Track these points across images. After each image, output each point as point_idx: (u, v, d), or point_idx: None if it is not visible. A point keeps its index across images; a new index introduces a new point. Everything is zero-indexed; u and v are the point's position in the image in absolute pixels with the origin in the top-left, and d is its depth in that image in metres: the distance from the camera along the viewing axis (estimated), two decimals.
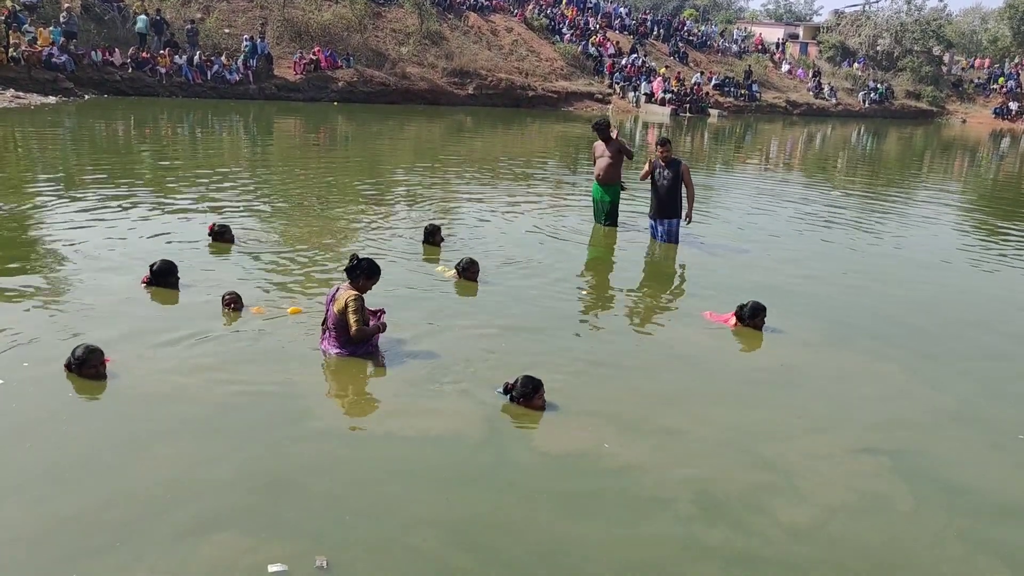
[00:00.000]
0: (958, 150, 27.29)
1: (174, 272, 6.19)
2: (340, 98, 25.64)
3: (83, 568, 3.09)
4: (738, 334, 6.13)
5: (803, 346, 6.00)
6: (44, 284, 6.30)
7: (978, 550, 3.60)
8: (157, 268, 6.15)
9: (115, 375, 4.68)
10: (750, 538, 3.56)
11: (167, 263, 6.20)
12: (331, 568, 3.15)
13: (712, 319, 6.42)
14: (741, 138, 26.31)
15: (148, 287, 6.15)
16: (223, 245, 7.48)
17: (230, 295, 5.79)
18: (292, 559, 3.18)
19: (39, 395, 4.45)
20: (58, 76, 21.36)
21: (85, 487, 3.61)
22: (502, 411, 4.54)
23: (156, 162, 13.14)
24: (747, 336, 6.10)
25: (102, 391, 4.54)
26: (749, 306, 6.21)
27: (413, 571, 3.22)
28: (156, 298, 6.06)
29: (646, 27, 37.92)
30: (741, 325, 6.21)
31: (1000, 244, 10.68)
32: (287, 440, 4.14)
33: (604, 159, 9.31)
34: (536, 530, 3.54)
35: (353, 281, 5.11)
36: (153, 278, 6.14)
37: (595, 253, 8.80)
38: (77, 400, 4.47)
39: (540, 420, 4.49)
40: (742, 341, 6.04)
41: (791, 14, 61.93)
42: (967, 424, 4.88)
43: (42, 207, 8.98)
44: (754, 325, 6.19)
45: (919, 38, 42.01)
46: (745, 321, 6.19)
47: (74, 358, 4.59)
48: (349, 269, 5.11)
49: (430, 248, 7.98)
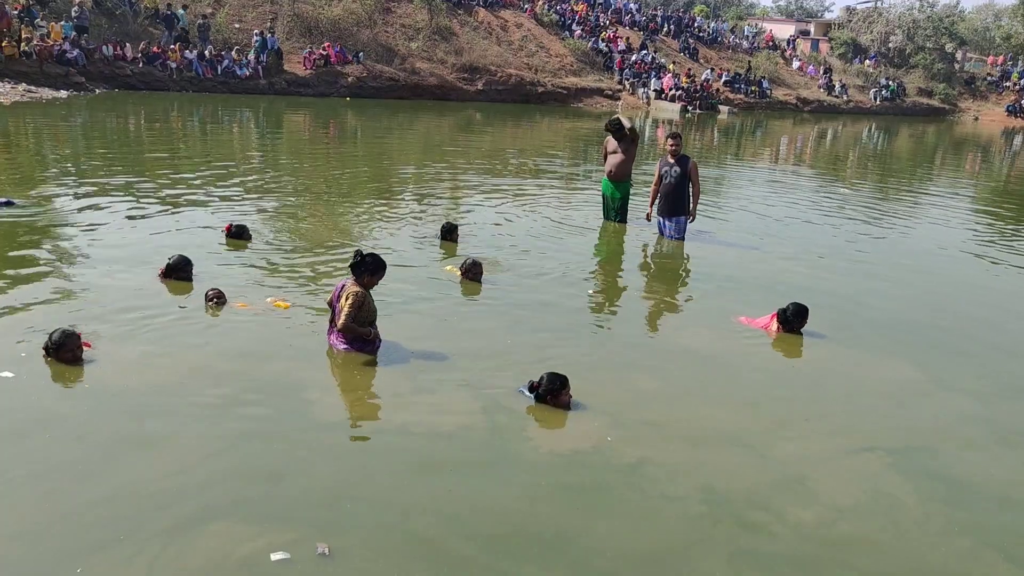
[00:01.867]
0: (970, 148, 27.09)
1: (189, 267, 6.31)
2: (350, 93, 25.68)
3: (85, 563, 3.07)
4: (745, 331, 6.09)
5: (812, 343, 5.95)
6: (56, 277, 6.33)
7: (984, 546, 3.58)
8: (173, 262, 6.28)
9: (122, 368, 4.72)
10: (756, 535, 3.55)
11: (182, 258, 6.33)
12: (332, 555, 3.18)
13: (749, 324, 6.15)
14: (751, 135, 26.21)
15: (164, 280, 6.25)
16: (239, 243, 7.51)
17: (213, 291, 5.83)
18: (294, 547, 3.20)
19: (48, 389, 4.49)
20: (69, 70, 21.45)
21: (87, 481, 3.61)
22: (507, 408, 4.53)
23: (167, 157, 13.19)
24: (754, 333, 6.04)
25: (107, 386, 4.54)
26: (791, 309, 5.90)
27: (413, 557, 3.24)
28: (170, 291, 6.10)
29: (656, 23, 37.79)
30: (784, 330, 5.89)
31: (1016, 241, 10.61)
32: (288, 431, 4.15)
33: (616, 155, 9.25)
34: (538, 520, 3.55)
35: (358, 277, 5.11)
36: (168, 271, 6.27)
37: (604, 250, 8.79)
38: (82, 392, 4.49)
39: (545, 417, 4.47)
40: (749, 338, 5.99)
41: (802, 10, 61.53)
42: (976, 422, 4.85)
43: (54, 200, 9.04)
44: (797, 329, 5.89)
45: (931, 35, 41.71)
46: (789, 325, 5.89)
47: (51, 342, 4.64)
48: (354, 266, 5.11)
49: (448, 245, 7.94)
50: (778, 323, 5.94)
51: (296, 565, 3.12)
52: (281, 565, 3.11)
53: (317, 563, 3.14)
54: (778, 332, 5.93)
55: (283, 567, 3.11)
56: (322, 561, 3.14)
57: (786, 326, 5.91)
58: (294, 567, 3.11)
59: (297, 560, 3.14)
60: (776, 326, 5.95)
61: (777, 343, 5.90)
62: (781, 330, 5.92)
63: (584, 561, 3.31)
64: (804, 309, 5.91)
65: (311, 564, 3.13)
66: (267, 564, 3.11)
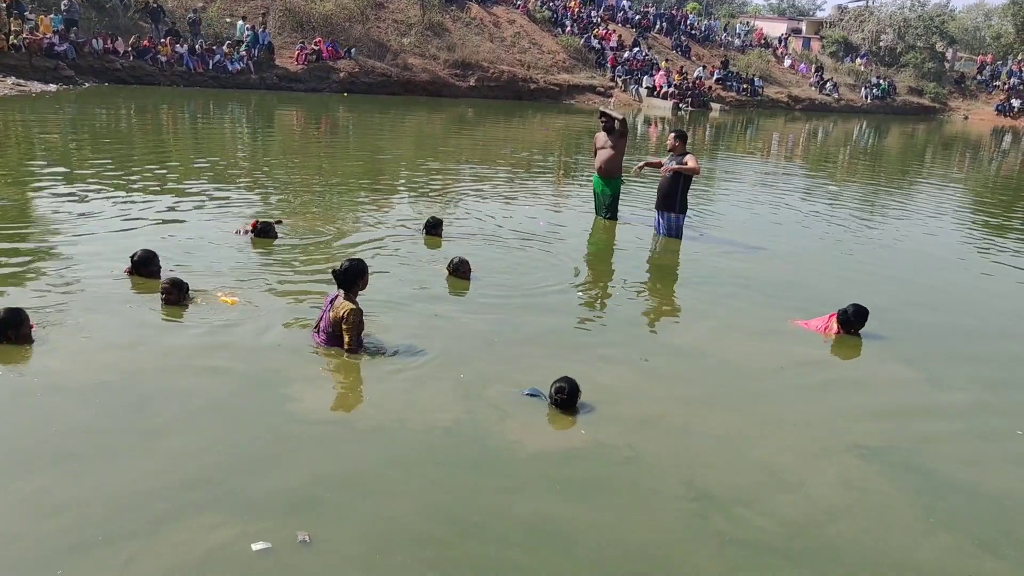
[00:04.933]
0: (959, 147, 27.23)
1: (154, 261, 6.14)
2: (341, 89, 25.63)
3: (65, 564, 3.02)
4: (737, 330, 6.09)
5: (804, 343, 5.95)
6: (40, 272, 6.30)
7: (968, 540, 3.62)
8: (138, 258, 6.10)
9: (90, 361, 4.68)
10: (746, 529, 3.55)
11: (147, 252, 6.16)
12: (313, 542, 3.18)
13: (805, 327, 6.06)
14: (742, 133, 26.27)
15: (130, 275, 6.11)
16: (265, 241, 7.47)
17: (168, 282, 5.61)
18: (275, 536, 3.20)
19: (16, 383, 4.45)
20: (59, 64, 21.35)
21: (63, 481, 3.54)
22: (492, 404, 4.50)
23: (156, 151, 13.15)
24: (748, 332, 6.03)
25: (81, 382, 4.46)
26: (851, 310, 5.83)
27: (395, 542, 3.25)
28: (136, 287, 6.00)
29: (649, 20, 37.85)
30: (844, 333, 5.83)
31: (1007, 240, 10.68)
32: (269, 424, 4.12)
33: (605, 150, 9.19)
34: (522, 510, 3.55)
35: (348, 289, 5.00)
36: (134, 268, 6.10)
37: (594, 247, 8.72)
38: (47, 386, 4.38)
39: (531, 413, 4.44)
40: (742, 337, 5.98)
41: (794, 9, 61.70)
42: (968, 420, 4.88)
43: (40, 195, 9.00)
44: (856, 330, 5.83)
45: (922, 34, 41.91)
46: (849, 327, 5.82)
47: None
48: (341, 278, 4.97)
49: (432, 239, 7.93)
50: (837, 324, 5.89)
51: (277, 554, 3.12)
52: (262, 555, 3.11)
53: (298, 551, 3.14)
54: (838, 333, 5.87)
55: (264, 557, 3.11)
56: (303, 548, 3.15)
57: (846, 327, 5.86)
58: (275, 556, 3.11)
59: (278, 549, 3.14)
60: (836, 327, 5.89)
61: (773, 342, 5.88)
62: (840, 332, 5.87)
63: (568, 550, 3.31)
64: (864, 311, 5.86)
65: (292, 552, 3.13)
66: (248, 555, 3.11)
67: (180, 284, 5.64)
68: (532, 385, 4.65)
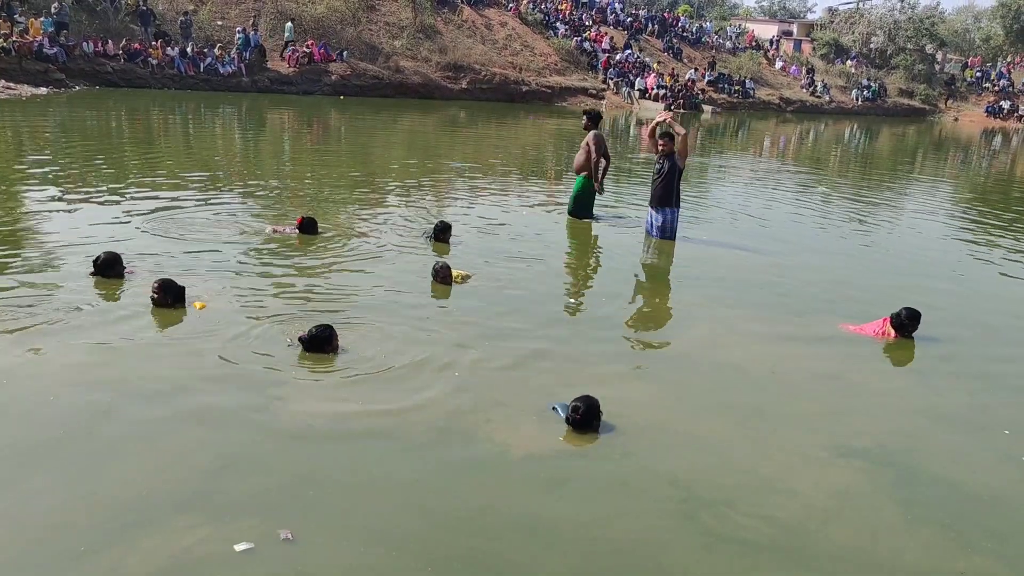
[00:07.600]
0: (950, 148, 27.35)
1: (118, 264, 6.06)
2: (333, 91, 25.59)
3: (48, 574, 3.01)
4: (728, 330, 6.08)
5: (795, 343, 5.95)
6: (23, 276, 6.29)
7: (958, 537, 3.64)
8: (102, 260, 6.02)
9: (69, 364, 4.66)
10: (735, 528, 3.55)
11: (111, 255, 6.09)
12: (296, 540, 3.18)
13: (859, 332, 6.04)
14: (734, 134, 26.34)
15: (94, 278, 6.01)
16: (310, 237, 7.45)
17: (158, 283, 5.55)
18: (258, 536, 3.19)
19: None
20: (49, 67, 21.25)
21: (45, 487, 3.50)
22: (479, 408, 4.46)
23: (143, 154, 13.11)
24: (740, 333, 6.02)
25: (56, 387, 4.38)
26: (905, 313, 5.85)
27: (379, 539, 3.25)
28: (101, 287, 5.92)
29: (640, 22, 37.92)
30: (899, 336, 5.87)
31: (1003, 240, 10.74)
32: (252, 426, 4.10)
33: (579, 150, 9.50)
34: (507, 508, 3.56)
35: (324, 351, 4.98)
36: (97, 270, 6.01)
37: (584, 249, 8.68)
38: (25, 391, 4.33)
39: (518, 416, 4.42)
40: (733, 337, 5.97)
41: (785, 11, 61.90)
42: (958, 421, 4.89)
43: (27, 198, 8.97)
44: (911, 332, 5.86)
45: (912, 36, 42.08)
46: (904, 330, 5.85)
47: None
48: (306, 350, 4.94)
49: (439, 246, 7.76)
50: (892, 328, 5.92)
51: (261, 554, 3.12)
52: (246, 555, 3.11)
53: (282, 549, 3.14)
54: (895, 338, 5.90)
55: (248, 557, 3.10)
56: (287, 546, 3.14)
57: (900, 331, 5.90)
58: (259, 555, 3.11)
59: (261, 549, 3.14)
60: (891, 331, 5.92)
61: (766, 343, 5.87)
62: (895, 335, 5.90)
63: (555, 545, 3.31)
64: (917, 313, 5.90)
65: (276, 551, 3.13)
66: (232, 556, 3.10)
67: (172, 288, 5.54)
68: (558, 400, 4.51)
